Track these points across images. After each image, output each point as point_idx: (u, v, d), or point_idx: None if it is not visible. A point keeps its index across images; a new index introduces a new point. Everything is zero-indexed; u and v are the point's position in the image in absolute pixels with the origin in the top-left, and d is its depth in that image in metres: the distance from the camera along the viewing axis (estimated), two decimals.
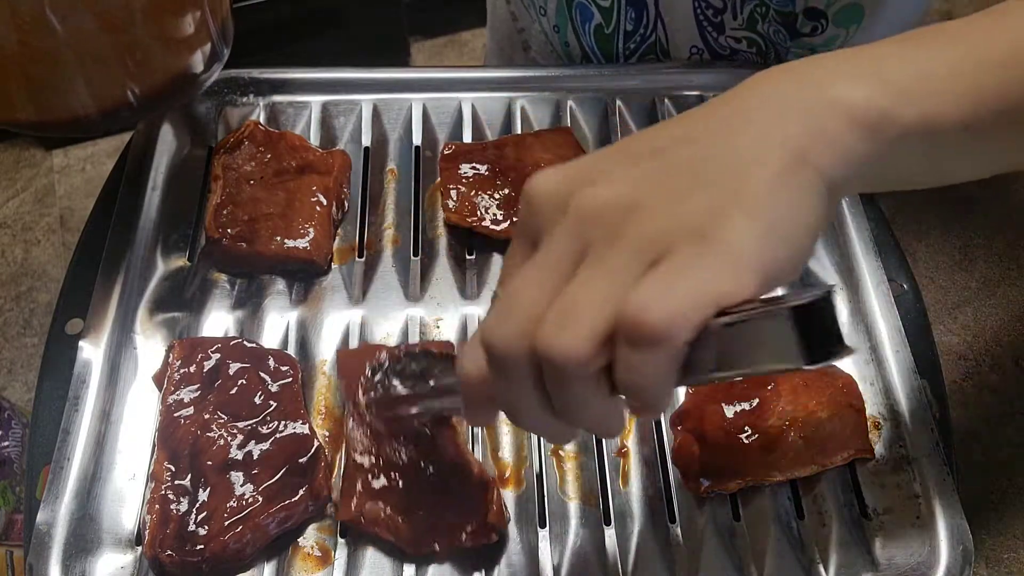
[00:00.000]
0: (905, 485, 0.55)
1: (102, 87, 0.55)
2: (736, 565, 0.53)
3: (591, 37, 0.79)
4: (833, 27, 0.72)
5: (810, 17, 0.72)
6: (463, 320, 0.62)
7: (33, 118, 0.56)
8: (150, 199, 0.67)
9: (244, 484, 0.52)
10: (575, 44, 0.80)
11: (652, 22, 0.76)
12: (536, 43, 0.84)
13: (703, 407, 0.56)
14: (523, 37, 0.85)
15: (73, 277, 0.63)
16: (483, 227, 0.64)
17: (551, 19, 0.80)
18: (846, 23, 0.72)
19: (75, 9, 0.50)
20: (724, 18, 0.73)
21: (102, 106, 0.55)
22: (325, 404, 0.58)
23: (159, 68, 0.55)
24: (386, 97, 0.73)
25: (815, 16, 0.71)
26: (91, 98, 0.55)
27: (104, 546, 0.52)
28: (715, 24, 0.74)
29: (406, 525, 0.51)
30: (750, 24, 0.73)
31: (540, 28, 0.82)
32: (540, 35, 0.83)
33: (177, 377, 0.56)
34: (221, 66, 0.61)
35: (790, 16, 0.72)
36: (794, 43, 0.74)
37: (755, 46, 0.75)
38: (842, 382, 0.57)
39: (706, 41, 0.75)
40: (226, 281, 0.63)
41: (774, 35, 0.73)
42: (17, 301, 1.52)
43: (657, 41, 0.77)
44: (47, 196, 1.69)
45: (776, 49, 0.75)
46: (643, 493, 0.55)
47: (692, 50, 0.77)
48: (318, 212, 0.63)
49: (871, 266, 0.63)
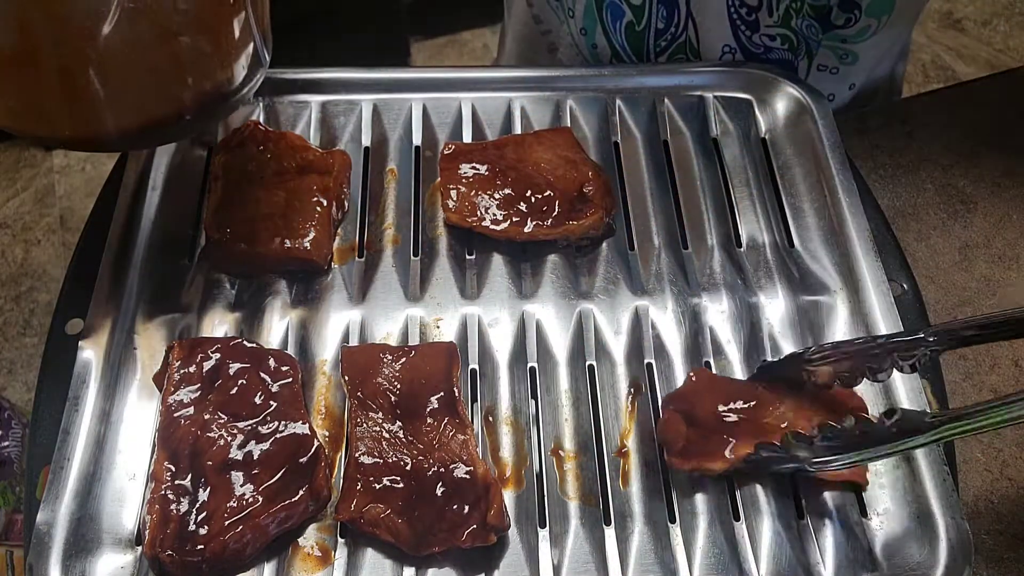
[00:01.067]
0: (905, 485, 0.55)
1: (150, 100, 0.53)
2: (736, 565, 0.53)
3: (622, 35, 0.78)
4: (866, 17, 0.72)
5: (844, 9, 0.72)
6: (463, 320, 0.62)
7: (74, 134, 0.54)
8: (150, 199, 0.67)
9: (244, 484, 0.52)
10: (604, 45, 0.80)
11: (683, 21, 0.76)
12: (563, 45, 0.84)
13: (701, 394, 0.56)
14: (549, 39, 0.85)
15: (73, 277, 0.63)
16: (483, 227, 0.64)
17: (578, 22, 0.80)
18: (878, 12, 0.72)
19: (130, 16, 0.49)
20: (759, 16, 0.73)
21: (148, 120, 0.53)
22: (325, 404, 0.58)
23: (207, 77, 0.54)
24: (386, 97, 0.73)
25: (849, 7, 0.71)
26: (136, 112, 0.53)
27: (104, 546, 0.52)
28: (749, 22, 0.74)
29: (406, 526, 0.51)
30: (785, 20, 0.73)
31: (567, 31, 0.82)
32: (567, 37, 0.83)
33: (177, 377, 0.56)
34: (264, 73, 0.60)
35: (824, 9, 0.72)
36: (826, 36, 0.74)
37: (788, 43, 0.75)
38: (854, 404, 0.57)
39: (739, 40, 0.75)
40: (226, 281, 0.63)
41: (807, 30, 0.73)
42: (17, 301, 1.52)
43: (687, 40, 0.77)
44: (47, 196, 1.69)
45: (808, 44, 0.75)
46: (643, 493, 0.55)
47: (724, 49, 0.77)
48: (318, 213, 0.63)
49: (871, 266, 0.63)
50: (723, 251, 0.66)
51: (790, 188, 0.70)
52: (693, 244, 0.67)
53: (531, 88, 0.74)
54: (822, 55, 0.76)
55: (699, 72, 0.75)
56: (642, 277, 0.65)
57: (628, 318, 0.62)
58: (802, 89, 0.72)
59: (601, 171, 0.68)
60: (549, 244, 0.65)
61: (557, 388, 0.59)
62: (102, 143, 0.56)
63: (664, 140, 0.72)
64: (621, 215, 0.68)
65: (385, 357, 0.58)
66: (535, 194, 0.65)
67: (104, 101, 0.52)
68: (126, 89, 0.52)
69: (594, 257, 0.65)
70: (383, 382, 0.56)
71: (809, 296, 0.64)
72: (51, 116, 0.53)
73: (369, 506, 0.52)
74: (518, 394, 0.59)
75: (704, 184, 0.70)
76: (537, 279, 0.64)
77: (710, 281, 0.64)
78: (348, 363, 0.58)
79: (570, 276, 0.64)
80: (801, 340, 0.62)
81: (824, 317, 0.63)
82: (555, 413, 0.58)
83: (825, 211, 0.68)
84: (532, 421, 0.58)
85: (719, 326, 0.62)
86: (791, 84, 0.73)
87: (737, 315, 0.63)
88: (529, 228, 0.64)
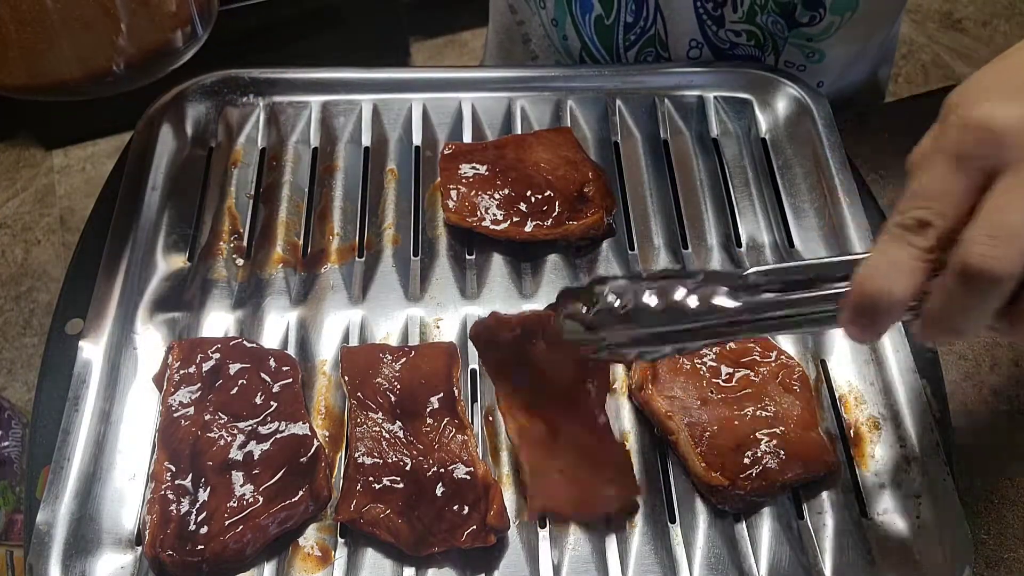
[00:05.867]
0: (905, 485, 0.55)
1: (87, 52, 0.57)
2: (736, 565, 0.53)
3: (591, 28, 0.79)
4: (830, 15, 0.72)
5: (808, 7, 0.72)
6: (463, 320, 0.62)
7: (22, 82, 0.58)
8: (150, 199, 0.67)
9: (244, 484, 0.52)
10: (574, 37, 0.81)
11: (652, 15, 0.76)
12: (535, 36, 0.85)
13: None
14: (523, 30, 0.86)
15: (73, 277, 0.63)
16: (483, 227, 0.64)
17: (550, 12, 0.81)
18: (842, 10, 0.72)
19: None
20: (724, 11, 0.73)
21: (87, 71, 0.58)
22: (325, 404, 0.58)
23: (139, 37, 0.58)
24: (386, 97, 0.73)
25: (813, 5, 0.72)
26: (77, 63, 0.57)
27: (104, 546, 0.52)
28: (715, 17, 0.74)
29: (406, 526, 0.51)
30: (749, 16, 0.73)
31: (539, 21, 0.83)
32: (539, 28, 0.84)
33: (177, 377, 0.56)
34: (199, 44, 0.62)
35: (789, 6, 0.72)
36: (791, 33, 0.74)
37: (754, 38, 0.75)
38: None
39: (705, 35, 0.75)
40: (226, 281, 0.63)
41: (772, 26, 0.74)
42: (17, 301, 1.52)
43: (656, 34, 0.77)
44: (47, 196, 1.69)
45: (774, 40, 0.75)
46: (643, 493, 0.55)
47: (691, 43, 0.77)
48: None
49: None
50: (723, 251, 0.66)
51: (790, 188, 0.70)
52: (693, 244, 0.67)
53: (531, 88, 0.74)
54: (789, 52, 0.76)
55: (699, 72, 0.75)
56: None
57: None
58: (802, 89, 0.72)
59: (601, 171, 0.68)
60: (549, 244, 0.65)
61: None
62: (47, 91, 0.59)
63: (664, 140, 0.72)
64: (621, 215, 0.68)
65: (385, 357, 0.58)
66: (535, 194, 0.65)
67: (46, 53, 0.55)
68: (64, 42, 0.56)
69: (594, 257, 0.65)
70: (383, 382, 0.56)
71: None
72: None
73: (369, 506, 0.52)
74: None
75: (704, 184, 0.70)
76: (537, 279, 0.64)
77: None
78: (348, 363, 0.58)
79: (570, 276, 0.64)
80: (801, 340, 0.62)
81: None
82: None
83: (825, 211, 0.68)
84: None
85: None
86: (791, 84, 0.73)
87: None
88: (529, 228, 0.64)
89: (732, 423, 0.55)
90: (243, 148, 0.71)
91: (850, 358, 0.61)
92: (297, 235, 0.66)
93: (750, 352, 0.59)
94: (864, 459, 0.57)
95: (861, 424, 0.58)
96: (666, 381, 0.57)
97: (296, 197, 0.68)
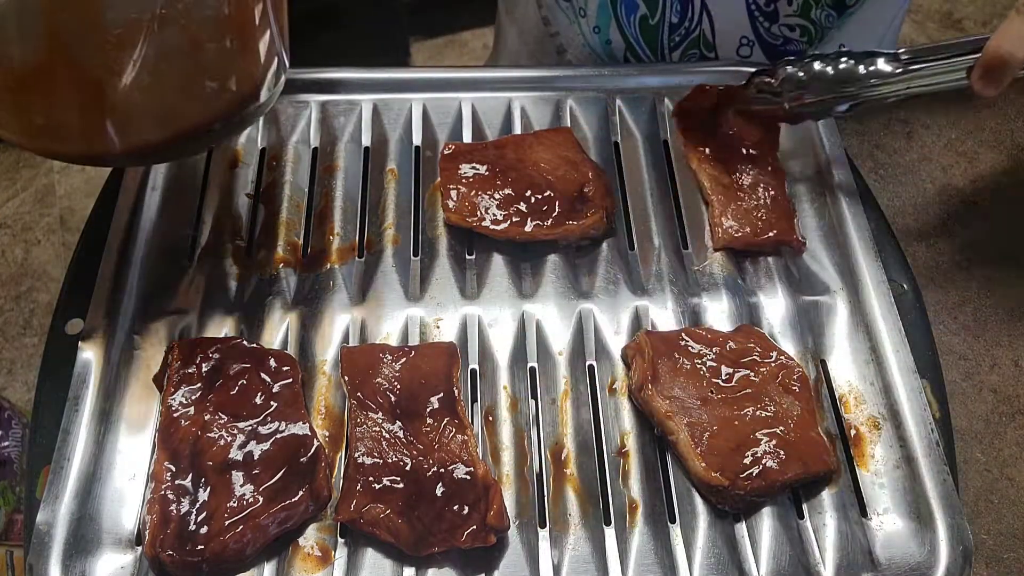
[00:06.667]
0: (905, 485, 0.55)
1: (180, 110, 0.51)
2: (736, 565, 0.53)
3: (636, 29, 0.78)
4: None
5: None
6: (463, 320, 0.62)
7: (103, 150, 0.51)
8: (150, 199, 0.67)
9: (244, 484, 0.52)
10: (618, 40, 0.80)
11: (697, 15, 0.76)
12: (573, 46, 0.84)
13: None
14: (557, 41, 0.85)
15: (73, 277, 0.63)
16: (483, 227, 0.64)
17: (591, 20, 0.81)
18: None
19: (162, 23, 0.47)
20: (778, 6, 0.73)
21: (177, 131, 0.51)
22: (325, 404, 0.58)
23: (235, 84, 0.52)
24: (386, 97, 0.73)
25: None
26: (165, 123, 0.51)
27: (104, 546, 0.52)
28: (767, 13, 0.74)
29: (406, 526, 0.51)
30: (804, 10, 0.73)
31: (579, 31, 0.83)
32: (578, 37, 0.83)
33: (177, 378, 0.56)
34: (285, 79, 0.58)
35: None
36: (839, 21, 0.74)
37: (807, 34, 0.75)
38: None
39: (757, 31, 0.75)
40: (226, 281, 0.63)
41: (825, 20, 0.74)
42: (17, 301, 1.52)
43: (702, 34, 0.77)
44: (47, 196, 1.69)
45: (823, 33, 0.75)
46: (643, 493, 0.55)
47: (742, 40, 0.77)
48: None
49: (871, 266, 0.63)
50: (723, 250, 0.66)
51: (790, 188, 0.70)
52: (693, 244, 0.67)
53: (531, 88, 0.74)
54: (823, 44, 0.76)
55: (699, 72, 0.75)
56: (642, 277, 0.65)
57: (628, 318, 0.62)
58: None
59: (601, 171, 0.68)
60: (549, 244, 0.65)
61: (557, 388, 0.59)
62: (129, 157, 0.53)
63: (664, 140, 0.72)
64: (621, 215, 0.68)
65: (385, 357, 0.58)
66: (535, 194, 0.65)
67: (133, 114, 0.49)
68: (156, 100, 0.50)
69: (594, 257, 0.65)
70: (383, 382, 0.56)
71: (809, 296, 0.64)
72: (79, 131, 0.50)
73: (369, 506, 0.52)
74: (518, 394, 0.59)
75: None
76: (537, 279, 0.64)
77: (710, 281, 0.64)
78: (348, 363, 0.58)
79: (570, 276, 0.64)
80: (801, 340, 0.62)
81: (824, 317, 0.63)
82: (555, 413, 0.58)
83: (825, 211, 0.68)
84: (532, 421, 0.58)
85: (719, 326, 0.62)
86: None
87: (737, 315, 0.63)
88: (529, 228, 0.64)
89: (732, 423, 0.55)
90: (243, 148, 0.71)
91: (850, 358, 0.61)
92: (297, 235, 0.66)
93: (750, 352, 0.59)
94: (864, 459, 0.57)
95: (861, 424, 0.58)
96: (666, 381, 0.57)
97: (296, 197, 0.68)
